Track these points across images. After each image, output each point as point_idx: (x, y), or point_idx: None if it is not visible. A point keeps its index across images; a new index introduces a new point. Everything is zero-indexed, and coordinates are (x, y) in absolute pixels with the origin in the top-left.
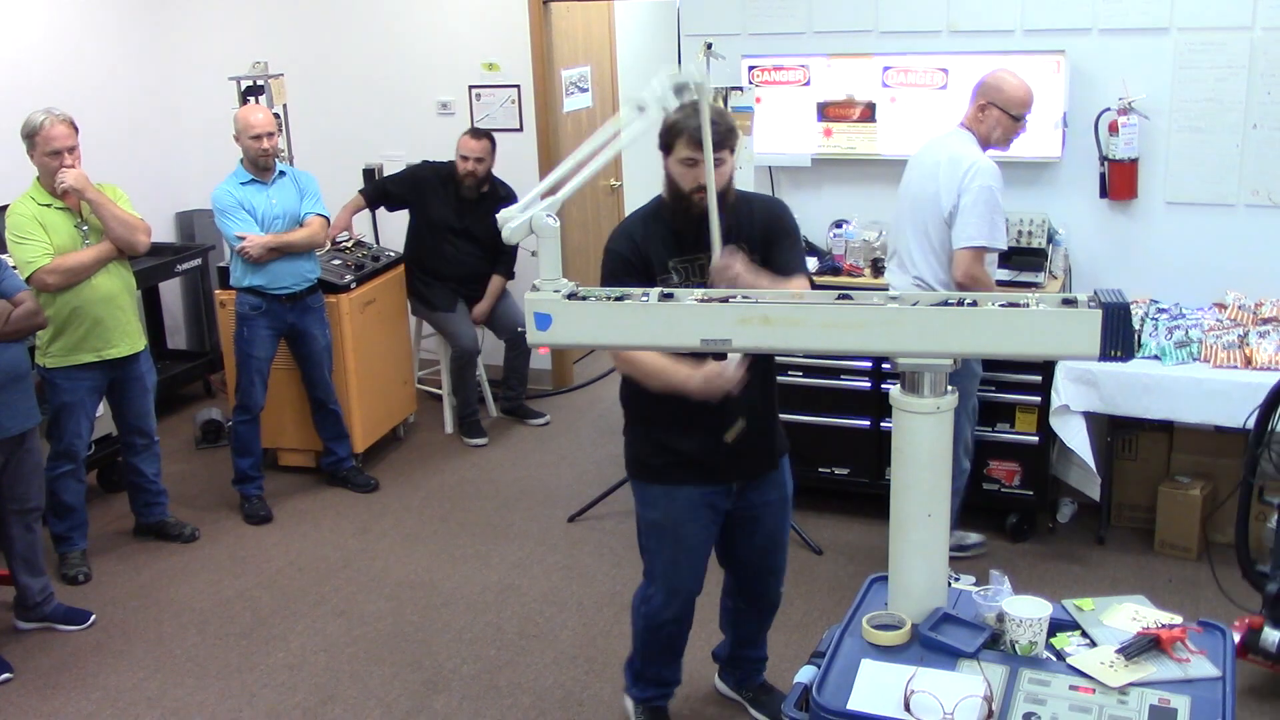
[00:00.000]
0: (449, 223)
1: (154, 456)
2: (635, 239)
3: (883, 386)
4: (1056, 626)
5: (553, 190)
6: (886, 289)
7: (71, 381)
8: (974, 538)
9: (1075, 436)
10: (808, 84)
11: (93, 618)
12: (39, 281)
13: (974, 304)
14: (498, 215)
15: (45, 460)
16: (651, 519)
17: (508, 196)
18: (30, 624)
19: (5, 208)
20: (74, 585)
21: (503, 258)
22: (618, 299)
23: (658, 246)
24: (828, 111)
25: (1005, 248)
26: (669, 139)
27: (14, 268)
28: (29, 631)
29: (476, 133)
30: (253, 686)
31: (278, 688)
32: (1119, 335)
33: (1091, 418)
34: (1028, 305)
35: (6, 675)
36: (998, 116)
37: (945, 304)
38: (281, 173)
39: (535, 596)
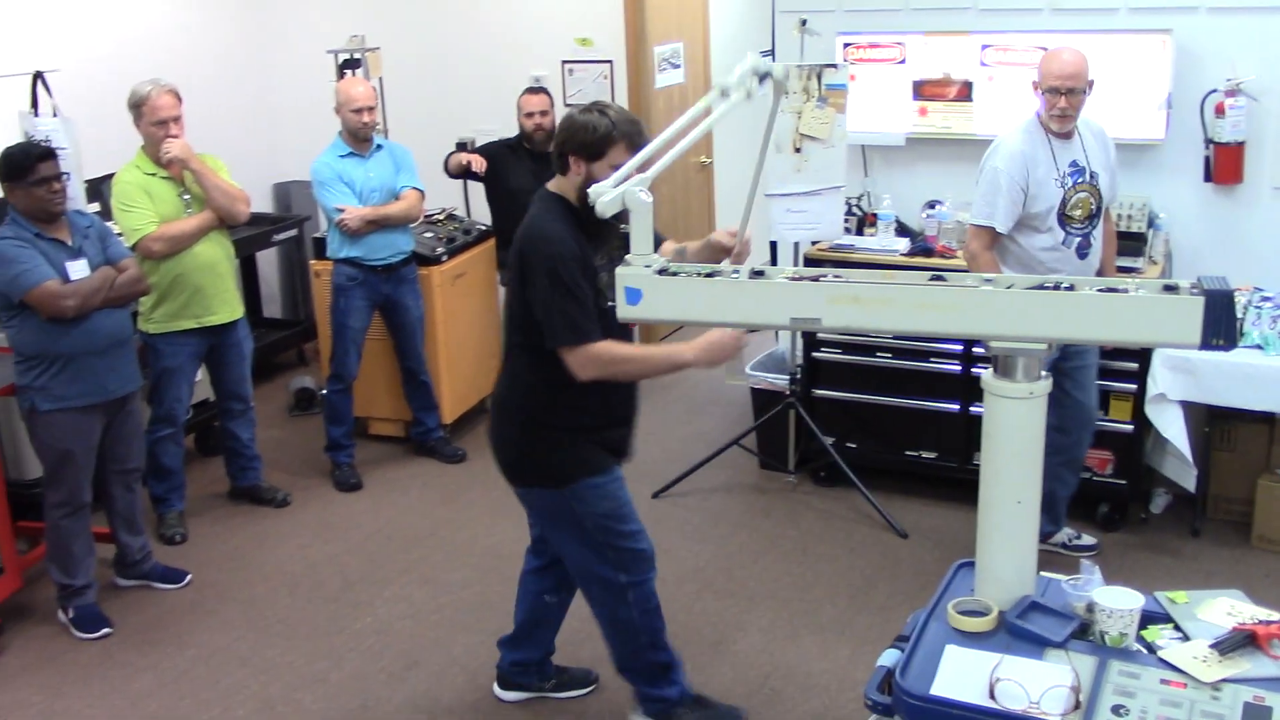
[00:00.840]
0: (528, 187)
1: (249, 422)
2: (572, 241)
3: (973, 370)
4: (1148, 619)
5: (644, 166)
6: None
7: (173, 347)
8: (1088, 539)
9: (1172, 426)
10: (903, 62)
11: (189, 577)
12: (144, 249)
13: (1070, 288)
14: (589, 190)
15: (146, 423)
16: (606, 509)
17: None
18: (129, 581)
19: (112, 176)
20: (171, 545)
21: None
22: (708, 275)
23: (585, 247)
24: (923, 90)
25: (1001, 229)
26: (603, 146)
27: (120, 235)
28: (128, 589)
29: (532, 89)
30: (340, 650)
31: (364, 652)
32: (1222, 323)
33: (1189, 407)
34: (1127, 290)
35: (106, 630)
36: (1039, 93)
37: (1041, 287)
38: (379, 146)
39: None
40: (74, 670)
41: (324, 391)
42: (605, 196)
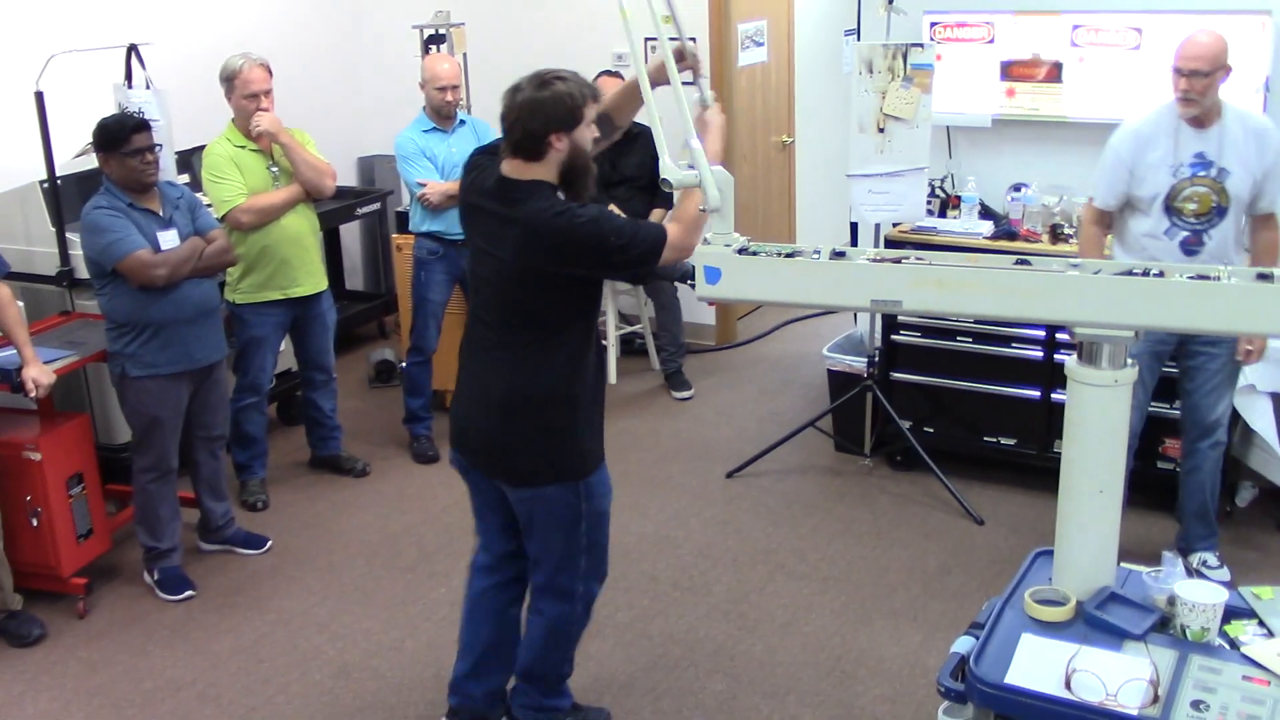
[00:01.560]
0: (606, 176)
1: (331, 393)
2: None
3: (1056, 356)
4: (1231, 614)
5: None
6: (1066, 256)
7: (258, 317)
8: (1213, 559)
9: (1261, 418)
10: (991, 41)
11: (269, 543)
12: (233, 220)
13: (1160, 275)
14: (662, 167)
15: (231, 392)
16: (601, 509)
17: (642, 132)
18: (212, 546)
19: (203, 148)
20: (253, 512)
21: (661, 192)
22: (788, 255)
23: None
24: (1011, 71)
25: (1099, 204)
26: (579, 111)
27: (209, 206)
28: (211, 553)
29: (611, 72)
30: (416, 619)
31: (439, 621)
32: None
33: (1279, 399)
34: (1218, 279)
35: (189, 592)
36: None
37: (1129, 273)
38: (462, 121)
39: (690, 549)
40: (158, 630)
41: (403, 364)
42: (675, 174)
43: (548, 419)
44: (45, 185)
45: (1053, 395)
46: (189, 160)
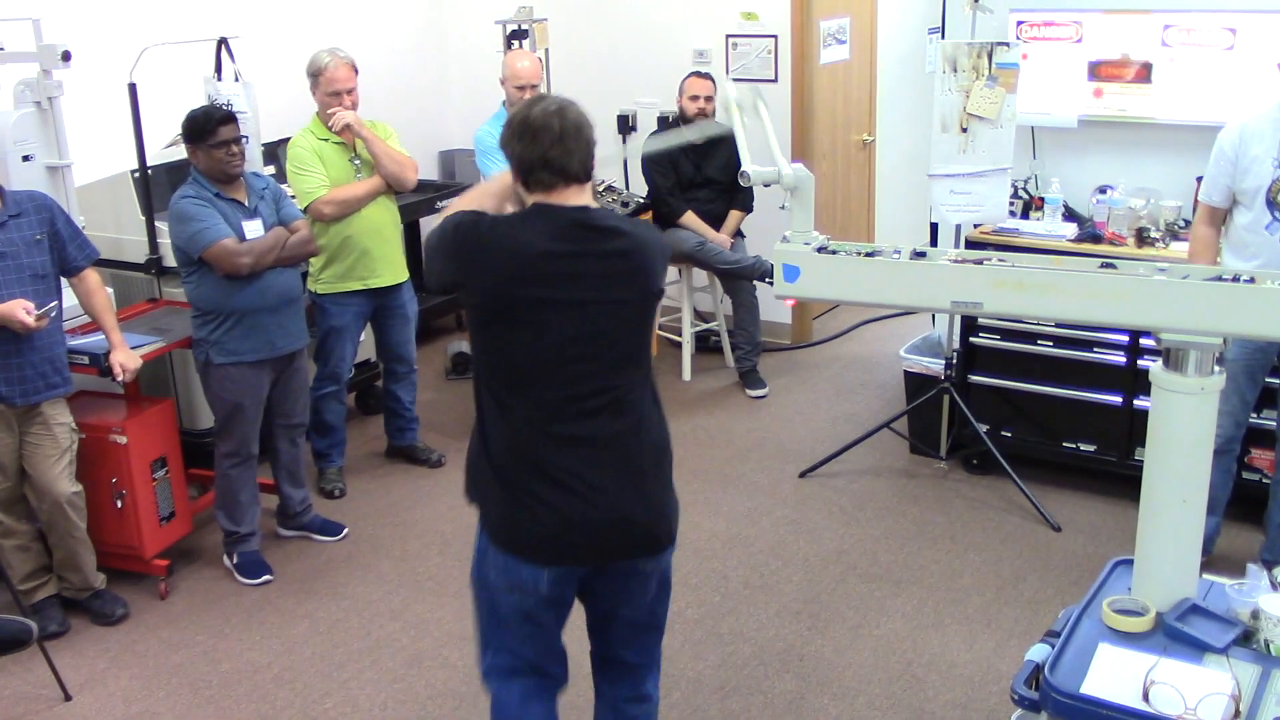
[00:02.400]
0: (690, 178)
1: (411, 384)
2: None
3: (1139, 361)
4: None
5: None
6: (1151, 260)
7: (339, 307)
8: None
9: None
10: (1079, 41)
11: (346, 530)
12: (316, 211)
13: (1250, 280)
14: (745, 170)
15: (311, 380)
16: None
17: (726, 136)
18: (290, 532)
19: (288, 140)
20: (330, 499)
21: (740, 193)
22: (868, 255)
23: None
24: (1099, 71)
25: (1204, 199)
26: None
27: (293, 197)
28: (289, 539)
29: (699, 74)
30: None
31: None
32: None
33: None
34: None
35: (267, 577)
36: None
37: (1219, 279)
38: None
39: (762, 548)
40: (236, 613)
41: None
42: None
43: (669, 457)
44: (136, 175)
45: (1135, 401)
46: (275, 152)
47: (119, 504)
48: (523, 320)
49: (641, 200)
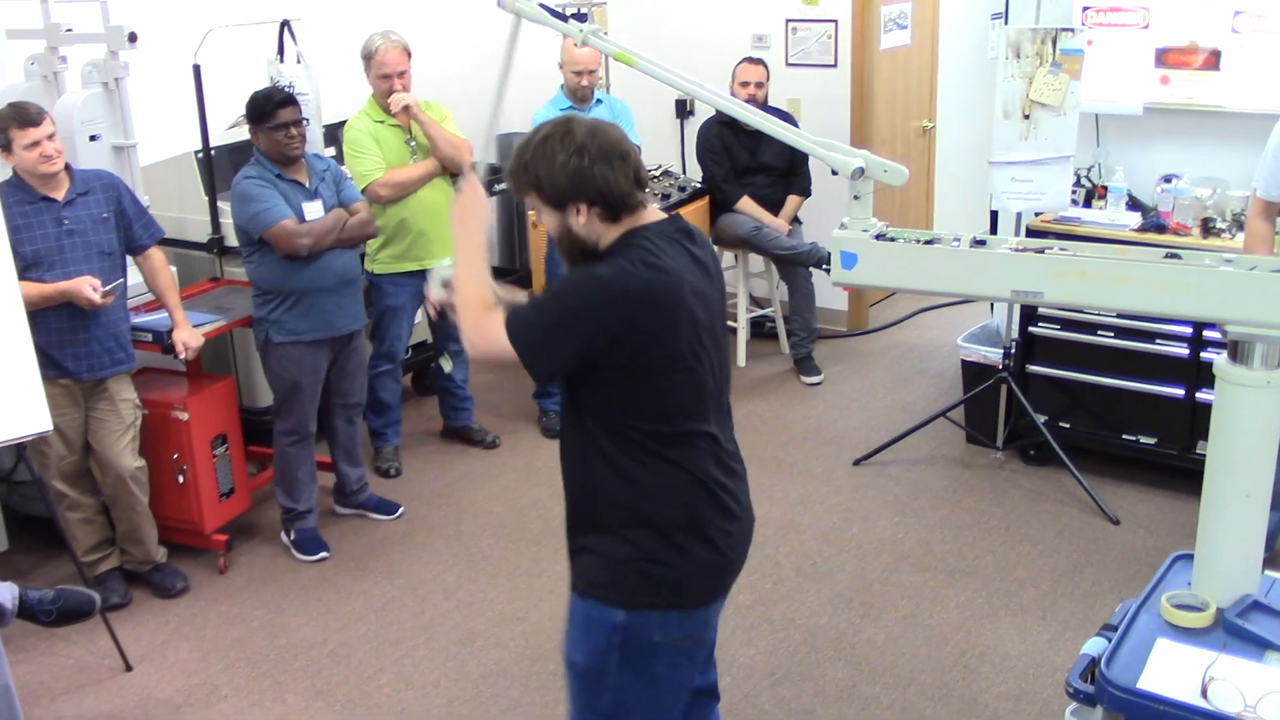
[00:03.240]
0: (745, 164)
1: (464, 364)
2: None
3: (1202, 354)
4: None
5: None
6: (1218, 251)
7: (396, 287)
8: None
9: None
10: (1146, 27)
11: (401, 509)
12: (372, 193)
13: None
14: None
15: (368, 360)
16: None
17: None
18: (347, 510)
19: (345, 123)
20: (386, 478)
21: (797, 178)
22: (927, 242)
23: None
24: (1166, 58)
25: (1262, 194)
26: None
27: (351, 179)
28: (345, 517)
29: (751, 59)
30: (540, 590)
31: (561, 595)
32: None
33: None
34: None
35: (324, 554)
36: None
37: None
38: (599, 100)
39: (814, 535)
40: (293, 589)
41: None
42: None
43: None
44: (199, 155)
45: (1198, 394)
46: (335, 134)
47: (180, 479)
48: (692, 353)
49: (698, 185)
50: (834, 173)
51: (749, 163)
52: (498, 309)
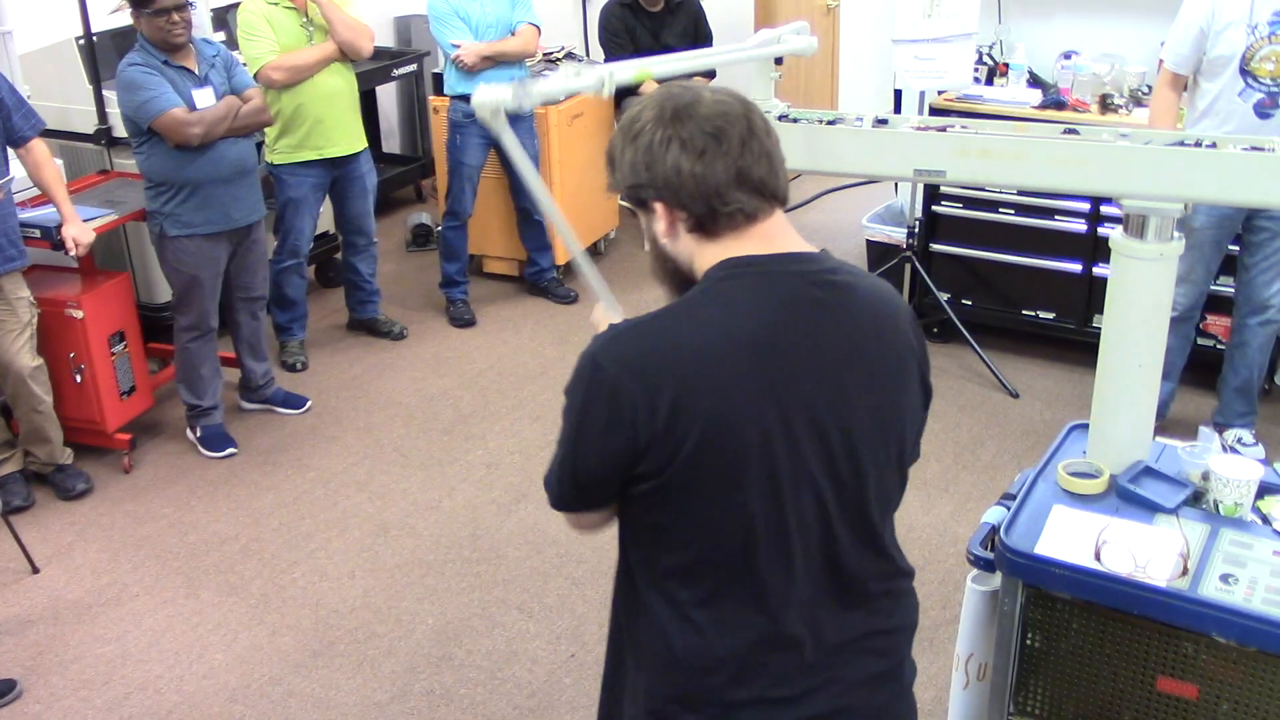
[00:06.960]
0: (650, 46)
1: (371, 257)
2: None
3: (1099, 229)
4: (1265, 490)
5: None
6: (1115, 126)
7: (296, 178)
8: (1249, 436)
9: None
10: None
11: (309, 403)
12: (265, 78)
13: (1213, 145)
14: None
15: (270, 253)
16: None
17: (684, 3)
18: (253, 405)
19: (239, 5)
20: (292, 373)
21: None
22: (829, 123)
23: None
24: None
25: (1171, 68)
26: None
27: (243, 64)
28: (252, 412)
29: None
30: (452, 480)
31: (475, 483)
32: None
33: None
34: (1273, 150)
35: (231, 450)
36: None
37: (1181, 144)
38: None
39: None
40: (201, 486)
41: (439, 228)
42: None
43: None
44: (81, 42)
45: (1094, 269)
46: (225, 17)
47: (78, 378)
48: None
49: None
50: (778, 61)
51: (652, 45)
52: None
